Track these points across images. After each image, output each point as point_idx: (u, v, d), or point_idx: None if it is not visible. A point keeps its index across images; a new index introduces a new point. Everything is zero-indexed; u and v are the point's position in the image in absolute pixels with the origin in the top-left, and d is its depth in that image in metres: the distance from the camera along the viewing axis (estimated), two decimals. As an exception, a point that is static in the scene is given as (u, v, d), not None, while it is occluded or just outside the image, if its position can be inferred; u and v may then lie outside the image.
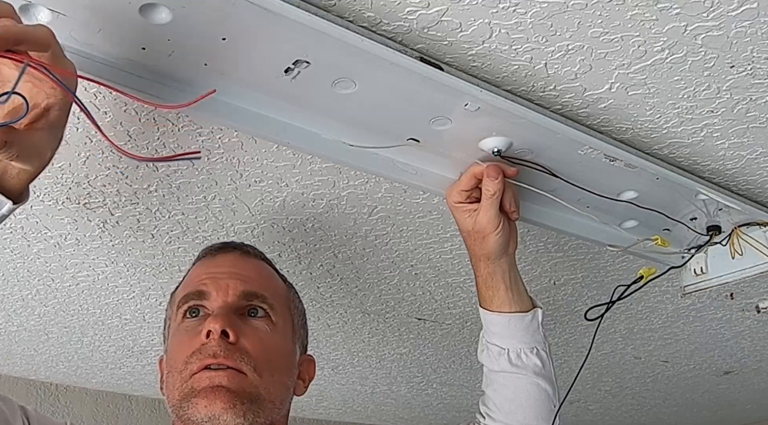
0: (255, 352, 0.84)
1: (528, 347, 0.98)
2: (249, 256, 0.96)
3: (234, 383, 0.81)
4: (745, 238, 1.18)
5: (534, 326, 0.99)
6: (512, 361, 0.97)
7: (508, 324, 0.97)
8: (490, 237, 0.95)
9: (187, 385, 0.82)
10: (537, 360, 0.98)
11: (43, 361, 1.71)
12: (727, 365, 2.05)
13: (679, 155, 1.03)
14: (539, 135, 0.90)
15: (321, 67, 0.75)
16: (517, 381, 0.98)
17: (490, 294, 0.99)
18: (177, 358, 0.85)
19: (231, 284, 0.89)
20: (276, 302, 0.91)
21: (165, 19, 0.67)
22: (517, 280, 1.00)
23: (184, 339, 0.87)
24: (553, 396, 1.01)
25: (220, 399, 0.79)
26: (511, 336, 0.98)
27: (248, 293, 0.89)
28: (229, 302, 0.87)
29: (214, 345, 0.82)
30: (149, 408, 2.07)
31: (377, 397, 2.13)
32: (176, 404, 0.83)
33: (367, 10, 0.72)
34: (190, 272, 0.96)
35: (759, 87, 0.87)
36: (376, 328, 1.59)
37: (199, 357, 0.82)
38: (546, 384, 0.99)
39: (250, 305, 0.89)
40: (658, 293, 1.52)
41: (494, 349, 0.98)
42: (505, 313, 0.97)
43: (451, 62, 0.81)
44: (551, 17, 0.74)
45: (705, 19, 0.74)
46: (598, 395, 2.29)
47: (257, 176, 1.03)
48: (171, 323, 0.92)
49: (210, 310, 0.88)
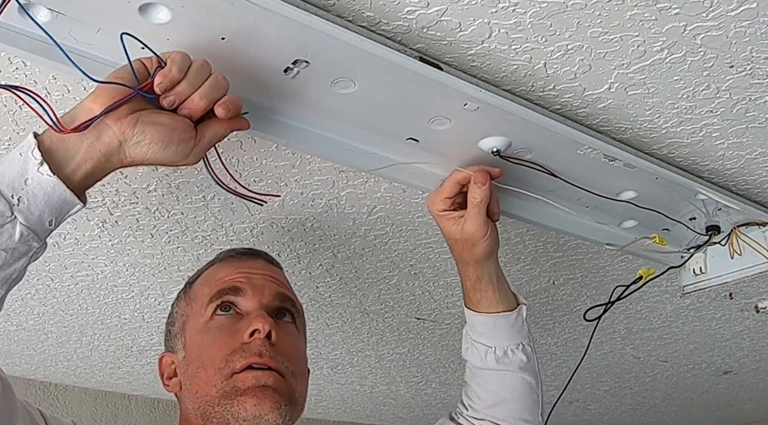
0: (290, 355, 0.85)
1: (514, 344, 0.99)
2: (273, 265, 0.98)
3: (279, 384, 0.82)
4: (744, 238, 1.18)
5: (519, 323, 0.99)
6: (499, 359, 0.98)
7: (495, 324, 0.98)
8: (480, 244, 0.95)
9: (229, 383, 0.81)
10: (522, 355, 0.99)
11: (42, 361, 1.71)
12: (726, 365, 2.05)
13: (678, 155, 1.03)
14: (538, 135, 0.90)
15: (320, 67, 0.75)
16: (502, 378, 0.99)
17: (478, 297, 0.99)
18: (213, 355, 0.84)
19: (266, 286, 0.90)
20: (298, 309, 0.94)
21: (164, 19, 0.67)
22: (502, 279, 1.00)
23: (220, 335, 0.86)
24: (537, 387, 1.01)
25: (269, 398, 0.80)
26: (497, 335, 0.98)
27: (281, 295, 0.91)
28: (265, 303, 0.88)
29: (259, 344, 0.83)
30: (148, 408, 2.07)
31: (376, 397, 2.13)
32: (212, 401, 0.82)
33: (366, 10, 0.72)
34: (211, 271, 0.95)
35: (758, 87, 0.87)
36: (375, 328, 1.59)
37: (243, 356, 0.82)
38: (530, 377, 1.00)
39: (282, 307, 0.90)
40: (657, 293, 1.52)
41: (481, 348, 0.99)
42: (491, 314, 0.98)
43: (451, 62, 0.81)
44: (550, 17, 0.74)
45: (704, 19, 0.74)
46: (597, 395, 2.29)
47: (256, 176, 1.03)
48: (192, 319, 0.91)
49: (243, 308, 0.88)
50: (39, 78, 0.81)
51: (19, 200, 0.64)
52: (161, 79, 0.66)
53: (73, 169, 0.67)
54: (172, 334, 0.94)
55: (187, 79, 0.68)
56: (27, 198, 0.64)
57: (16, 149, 0.66)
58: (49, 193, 0.65)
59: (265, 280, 0.91)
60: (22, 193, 0.64)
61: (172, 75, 0.67)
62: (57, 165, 0.65)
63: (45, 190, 0.65)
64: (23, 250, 0.65)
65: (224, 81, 0.70)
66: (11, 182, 0.64)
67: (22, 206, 0.64)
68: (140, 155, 0.69)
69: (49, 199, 0.65)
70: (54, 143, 0.66)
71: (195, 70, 0.68)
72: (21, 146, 0.66)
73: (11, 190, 0.64)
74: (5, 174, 0.64)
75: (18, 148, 0.66)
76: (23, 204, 0.64)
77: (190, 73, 0.68)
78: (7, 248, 0.64)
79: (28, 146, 0.65)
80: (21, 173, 0.64)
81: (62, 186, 0.65)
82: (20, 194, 0.64)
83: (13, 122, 0.89)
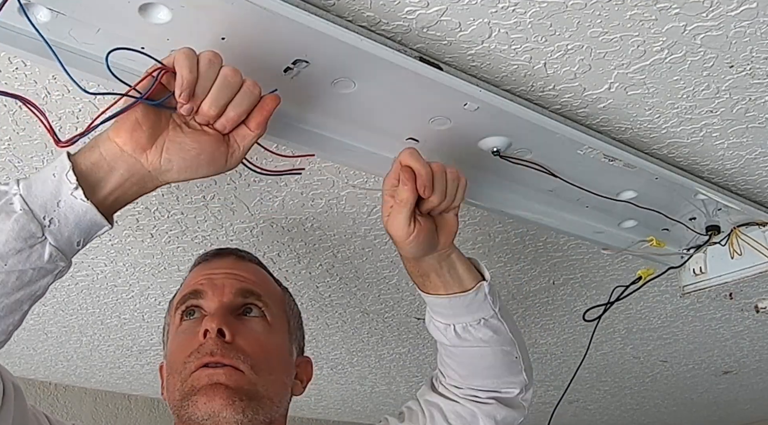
0: (251, 350, 0.85)
1: (474, 320, 0.90)
2: (244, 260, 0.97)
3: (232, 380, 0.81)
4: (744, 238, 1.18)
5: (479, 299, 0.90)
6: (460, 335, 0.91)
7: (450, 304, 0.90)
8: (402, 245, 0.86)
9: (187, 384, 0.82)
10: (486, 330, 0.91)
11: (42, 360, 1.71)
12: (726, 365, 2.05)
13: (678, 155, 1.03)
14: (538, 135, 0.90)
15: (320, 67, 0.75)
16: (468, 351, 0.93)
17: (421, 281, 0.91)
18: (176, 360, 0.86)
19: (227, 284, 0.90)
20: (271, 301, 0.92)
21: (164, 19, 0.67)
22: (452, 269, 0.90)
23: (182, 340, 0.87)
24: (513, 350, 0.94)
25: (219, 395, 0.80)
26: (453, 314, 0.91)
27: (244, 290, 0.90)
28: (225, 301, 0.88)
29: (211, 343, 0.83)
30: (148, 408, 2.07)
31: (376, 397, 2.13)
32: (177, 404, 0.84)
33: (366, 10, 0.72)
34: (186, 279, 0.97)
35: (758, 87, 0.87)
36: (375, 327, 1.59)
37: (197, 357, 0.83)
38: (500, 346, 0.93)
39: (246, 303, 0.90)
40: (657, 293, 1.52)
41: (439, 325, 0.93)
42: (442, 296, 0.90)
43: (451, 62, 0.81)
44: (550, 17, 0.74)
45: (704, 19, 0.74)
46: (597, 395, 2.29)
47: (256, 176, 1.03)
48: (169, 327, 0.93)
49: (207, 310, 0.88)
50: (39, 78, 0.81)
51: (50, 222, 0.64)
52: (180, 91, 0.64)
53: (105, 195, 0.67)
54: (163, 343, 0.96)
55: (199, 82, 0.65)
56: (58, 220, 0.65)
57: (48, 167, 0.66)
58: (80, 216, 0.65)
59: (226, 279, 0.91)
60: (54, 214, 0.64)
61: (187, 79, 0.64)
62: (90, 189, 0.66)
63: (77, 213, 0.65)
64: (50, 268, 0.66)
65: (234, 77, 0.66)
66: (44, 203, 0.64)
67: (53, 227, 0.65)
68: (173, 179, 0.70)
69: (80, 221, 0.66)
70: (88, 167, 0.66)
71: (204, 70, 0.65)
72: (54, 165, 0.66)
73: (43, 211, 0.64)
74: (38, 195, 0.64)
75: (50, 167, 0.66)
76: (54, 226, 0.65)
77: (201, 73, 0.65)
78: (36, 267, 0.65)
79: (62, 168, 0.65)
80: (54, 195, 0.65)
81: (94, 210, 0.66)
82: (52, 216, 0.64)
83: (13, 122, 0.89)
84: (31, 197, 0.64)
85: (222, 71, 0.66)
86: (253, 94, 0.68)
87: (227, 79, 0.66)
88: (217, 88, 0.66)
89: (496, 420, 0.96)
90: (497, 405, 0.96)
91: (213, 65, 0.65)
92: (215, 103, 0.66)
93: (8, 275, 0.63)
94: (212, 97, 0.66)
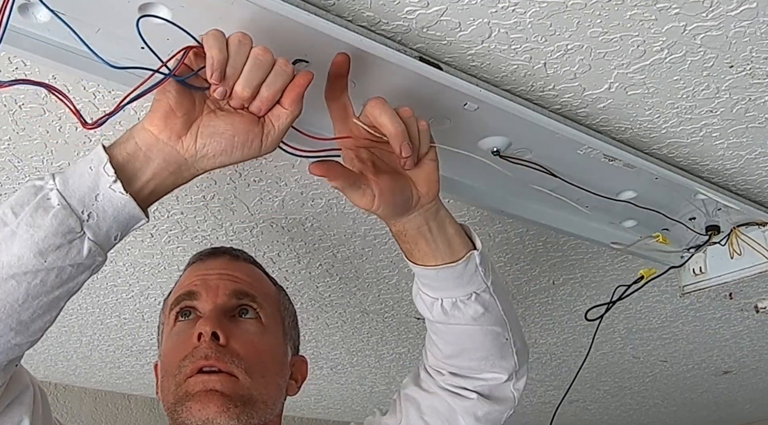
0: (245, 354, 0.85)
1: (464, 294, 0.82)
2: (238, 259, 0.97)
3: (227, 387, 0.81)
4: (743, 238, 1.18)
5: (470, 271, 0.81)
6: (447, 312, 0.83)
7: (437, 277, 0.81)
8: (374, 211, 0.77)
9: (182, 389, 0.82)
10: (476, 306, 0.83)
11: (42, 360, 1.71)
12: (726, 365, 2.05)
13: (678, 155, 1.03)
14: (538, 135, 0.90)
15: (320, 67, 0.75)
16: (455, 330, 0.86)
17: (408, 248, 0.82)
18: (171, 362, 0.86)
19: (221, 285, 0.90)
20: (265, 302, 0.92)
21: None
22: (441, 229, 0.81)
23: (176, 341, 0.87)
24: (504, 331, 0.87)
25: (213, 402, 0.80)
26: (442, 287, 0.83)
27: (238, 291, 0.90)
28: (219, 302, 0.88)
29: (205, 347, 0.83)
30: (148, 408, 2.07)
31: (376, 396, 2.13)
32: (171, 407, 0.84)
33: (366, 10, 0.72)
34: (181, 278, 0.97)
35: (758, 87, 0.87)
36: (375, 327, 1.59)
37: (191, 360, 0.83)
38: (491, 326, 0.86)
39: (240, 304, 0.89)
40: (657, 292, 1.52)
41: (426, 299, 0.85)
42: (430, 267, 0.81)
43: (450, 62, 0.81)
44: (550, 17, 0.74)
45: (704, 19, 0.74)
46: (597, 394, 2.29)
47: (256, 176, 1.03)
48: (164, 327, 0.93)
49: (200, 311, 0.88)
50: (39, 78, 0.81)
51: (89, 216, 0.63)
52: (211, 71, 0.62)
53: (142, 186, 0.66)
54: (158, 342, 0.96)
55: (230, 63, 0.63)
56: (97, 214, 0.63)
57: (83, 161, 0.65)
58: (119, 209, 0.64)
59: (220, 279, 0.91)
60: (93, 208, 0.63)
61: (217, 59, 0.62)
62: (127, 181, 0.64)
63: (115, 206, 0.64)
64: (88, 264, 0.65)
65: (265, 56, 0.64)
66: (82, 197, 0.63)
67: (92, 221, 0.63)
68: (210, 166, 0.68)
69: (119, 215, 0.64)
70: (125, 158, 0.65)
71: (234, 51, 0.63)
72: (90, 159, 0.64)
73: (81, 205, 0.63)
74: (75, 189, 0.63)
75: (86, 161, 0.64)
76: (93, 220, 0.63)
77: (231, 54, 0.63)
78: (75, 263, 0.63)
79: (99, 161, 0.63)
80: (92, 189, 0.63)
81: (133, 203, 0.64)
82: (90, 210, 0.63)
83: (13, 122, 0.89)
84: (68, 191, 0.63)
85: (253, 51, 0.64)
86: (285, 73, 0.66)
87: (258, 58, 0.64)
88: (249, 69, 0.64)
89: (477, 417, 0.89)
90: (478, 400, 0.89)
91: (243, 45, 0.63)
92: (249, 84, 0.64)
93: (48, 273, 0.62)
94: (245, 77, 0.64)
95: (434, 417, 0.89)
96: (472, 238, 0.84)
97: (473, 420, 0.89)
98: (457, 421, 0.89)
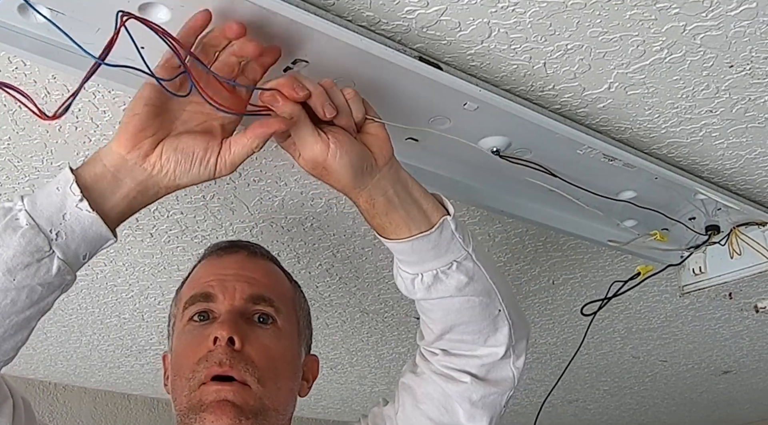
0: (260, 361, 0.84)
1: (444, 264, 0.79)
2: (256, 256, 0.96)
3: (239, 398, 0.81)
4: (743, 238, 1.18)
5: (446, 238, 0.78)
6: (429, 287, 0.80)
7: (413, 249, 0.78)
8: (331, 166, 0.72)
9: (195, 395, 0.82)
10: (459, 275, 0.80)
11: (42, 360, 1.71)
12: (726, 364, 2.05)
13: (677, 155, 1.03)
14: (538, 135, 0.90)
15: (320, 67, 0.75)
16: (441, 304, 0.82)
17: (380, 222, 0.79)
18: (184, 363, 0.85)
19: (238, 287, 0.89)
20: (282, 305, 0.91)
21: (164, 18, 0.67)
22: (407, 192, 0.78)
23: (191, 342, 0.86)
24: (494, 299, 0.83)
25: (226, 414, 0.80)
26: (420, 260, 0.79)
27: (255, 296, 0.89)
28: (236, 306, 0.88)
29: (220, 352, 0.82)
30: (148, 408, 2.07)
31: (376, 396, 2.12)
32: (183, 412, 0.83)
33: (366, 10, 0.72)
34: (195, 270, 0.96)
35: (758, 87, 0.87)
36: (375, 327, 1.59)
37: (206, 365, 0.82)
38: (478, 296, 0.82)
39: (257, 309, 0.89)
40: (656, 292, 1.52)
41: (406, 277, 0.81)
42: (404, 240, 0.78)
43: (450, 62, 0.81)
44: (550, 17, 0.74)
45: (704, 19, 0.74)
46: (596, 394, 2.29)
47: (256, 175, 1.03)
48: (176, 321, 0.92)
49: (216, 313, 0.88)
50: (39, 77, 0.81)
51: (57, 235, 0.65)
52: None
53: (111, 206, 0.68)
54: (168, 334, 0.95)
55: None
56: (65, 233, 0.65)
57: (51, 182, 0.67)
58: (86, 228, 0.66)
59: (237, 281, 0.90)
60: (60, 227, 0.65)
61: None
62: (95, 201, 0.66)
63: (83, 225, 0.66)
64: (57, 283, 0.67)
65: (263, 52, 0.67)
66: (49, 216, 0.65)
67: (60, 240, 0.65)
68: (171, 183, 0.70)
69: (86, 234, 0.66)
70: (92, 178, 0.67)
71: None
72: (57, 179, 0.66)
73: (50, 225, 0.65)
74: (43, 209, 0.65)
75: (54, 182, 0.66)
76: (61, 239, 0.65)
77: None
78: (44, 282, 0.66)
79: (66, 181, 0.66)
80: (59, 208, 0.65)
81: (100, 221, 0.66)
82: (58, 229, 0.65)
83: (13, 122, 0.89)
84: (35, 211, 0.65)
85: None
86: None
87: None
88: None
89: (472, 401, 0.85)
90: (472, 383, 0.85)
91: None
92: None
93: (19, 292, 0.64)
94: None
95: (429, 404, 0.87)
96: (444, 204, 0.81)
97: (469, 405, 0.85)
98: (453, 408, 0.86)
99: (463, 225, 0.81)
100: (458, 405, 0.85)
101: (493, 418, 0.87)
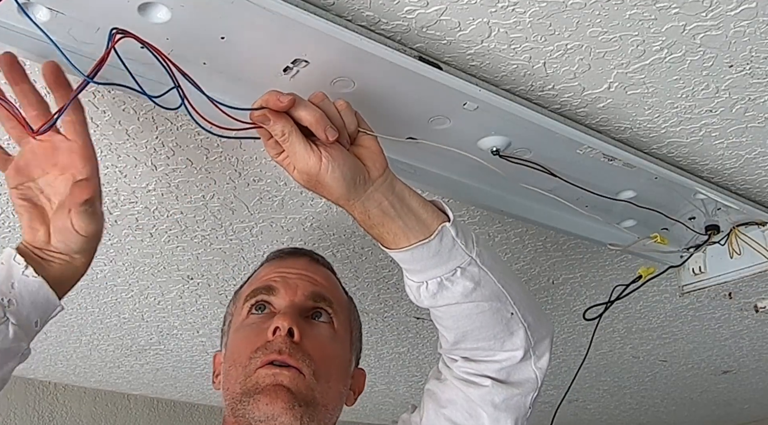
0: (316, 355, 0.85)
1: (447, 272, 0.78)
2: (318, 263, 0.98)
3: (294, 383, 0.82)
4: (743, 237, 1.18)
5: (447, 245, 0.77)
6: (434, 295, 0.80)
7: (413, 258, 0.78)
8: (324, 179, 0.73)
9: (251, 380, 0.82)
10: (464, 282, 0.79)
11: (42, 360, 1.71)
12: (726, 364, 2.05)
13: (677, 155, 1.03)
14: (538, 134, 0.90)
15: (320, 67, 0.75)
16: (449, 312, 0.82)
17: (378, 233, 0.79)
18: (241, 352, 0.86)
19: (300, 285, 0.91)
20: (339, 309, 0.93)
21: (164, 18, 0.67)
22: (403, 203, 0.78)
23: (249, 334, 0.88)
24: (505, 303, 0.82)
25: (281, 398, 0.80)
26: (422, 268, 0.79)
27: (316, 294, 0.91)
28: (297, 301, 0.89)
29: (279, 341, 0.83)
30: (148, 407, 2.07)
31: (375, 396, 2.13)
32: (236, 398, 0.83)
33: (365, 10, 0.72)
34: (257, 272, 0.98)
35: (758, 86, 0.87)
36: (375, 327, 1.59)
37: (264, 353, 0.83)
38: (487, 302, 0.81)
39: (316, 307, 0.90)
40: (656, 292, 1.53)
41: (412, 285, 0.81)
42: (403, 249, 0.77)
43: (450, 61, 0.81)
44: (550, 17, 0.74)
45: (704, 19, 0.74)
46: (596, 394, 2.29)
47: (256, 175, 1.03)
48: (234, 318, 0.94)
49: (276, 307, 0.89)
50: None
51: (9, 303, 0.71)
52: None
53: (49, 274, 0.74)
54: (222, 333, 0.97)
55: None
56: (16, 300, 0.71)
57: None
58: (34, 293, 0.72)
59: (300, 279, 0.92)
60: (11, 295, 0.71)
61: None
62: (38, 268, 0.74)
63: (30, 290, 0.72)
64: (15, 350, 0.73)
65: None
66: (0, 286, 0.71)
67: (13, 307, 0.71)
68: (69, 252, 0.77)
69: (35, 299, 0.72)
70: (32, 251, 0.75)
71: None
72: (1, 258, 0.73)
73: (1, 294, 0.71)
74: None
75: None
76: (13, 306, 0.71)
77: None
78: (2, 348, 0.71)
79: (9, 255, 0.73)
80: (7, 278, 0.72)
81: (46, 286, 0.73)
82: (9, 297, 0.71)
83: (13, 122, 0.89)
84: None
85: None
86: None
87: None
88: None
89: (495, 404, 0.84)
90: (493, 387, 0.84)
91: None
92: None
93: None
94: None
95: (453, 410, 0.86)
96: (444, 211, 0.80)
97: (492, 408, 0.84)
98: (477, 412, 0.85)
99: (465, 230, 0.80)
100: (482, 409, 0.85)
101: (518, 420, 0.86)
